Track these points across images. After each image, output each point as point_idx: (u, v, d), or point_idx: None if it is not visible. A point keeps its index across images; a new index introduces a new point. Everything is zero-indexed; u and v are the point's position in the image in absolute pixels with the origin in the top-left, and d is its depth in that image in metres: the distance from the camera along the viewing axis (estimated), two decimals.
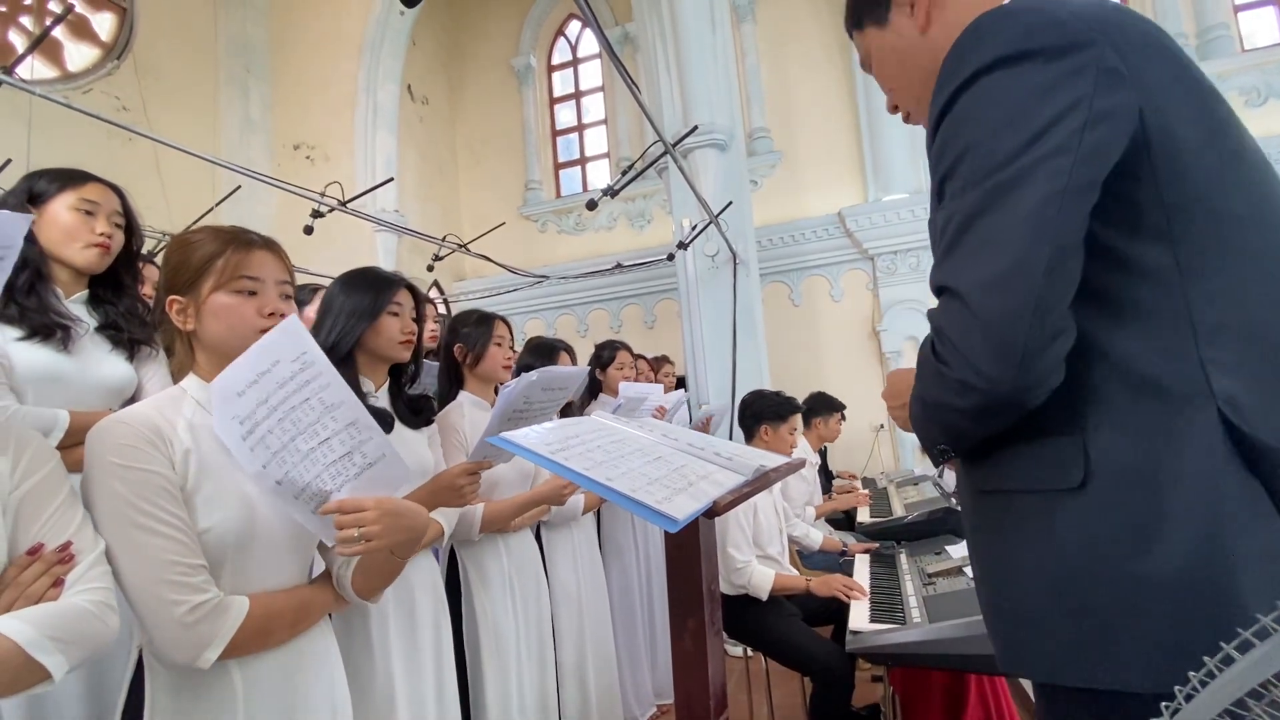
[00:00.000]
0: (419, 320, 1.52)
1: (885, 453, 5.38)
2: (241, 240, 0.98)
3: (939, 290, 0.68)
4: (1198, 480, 0.60)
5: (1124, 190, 0.63)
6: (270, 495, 0.91)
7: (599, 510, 2.54)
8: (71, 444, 1.19)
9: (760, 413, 2.67)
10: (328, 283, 1.55)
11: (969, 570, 1.76)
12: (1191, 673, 0.49)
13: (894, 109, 0.92)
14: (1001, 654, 0.74)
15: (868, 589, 2.18)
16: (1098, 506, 0.64)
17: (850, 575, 2.43)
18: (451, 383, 1.88)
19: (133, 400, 1.36)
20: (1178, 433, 0.61)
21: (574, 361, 2.56)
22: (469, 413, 1.79)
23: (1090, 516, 0.64)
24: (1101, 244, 0.64)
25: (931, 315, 0.69)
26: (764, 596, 2.23)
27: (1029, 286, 0.60)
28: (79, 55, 5.29)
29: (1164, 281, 0.63)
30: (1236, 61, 4.88)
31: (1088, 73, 0.62)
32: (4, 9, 4.84)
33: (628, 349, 3.06)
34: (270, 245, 1.01)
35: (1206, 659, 0.49)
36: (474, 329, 1.84)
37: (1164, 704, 0.51)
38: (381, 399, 1.47)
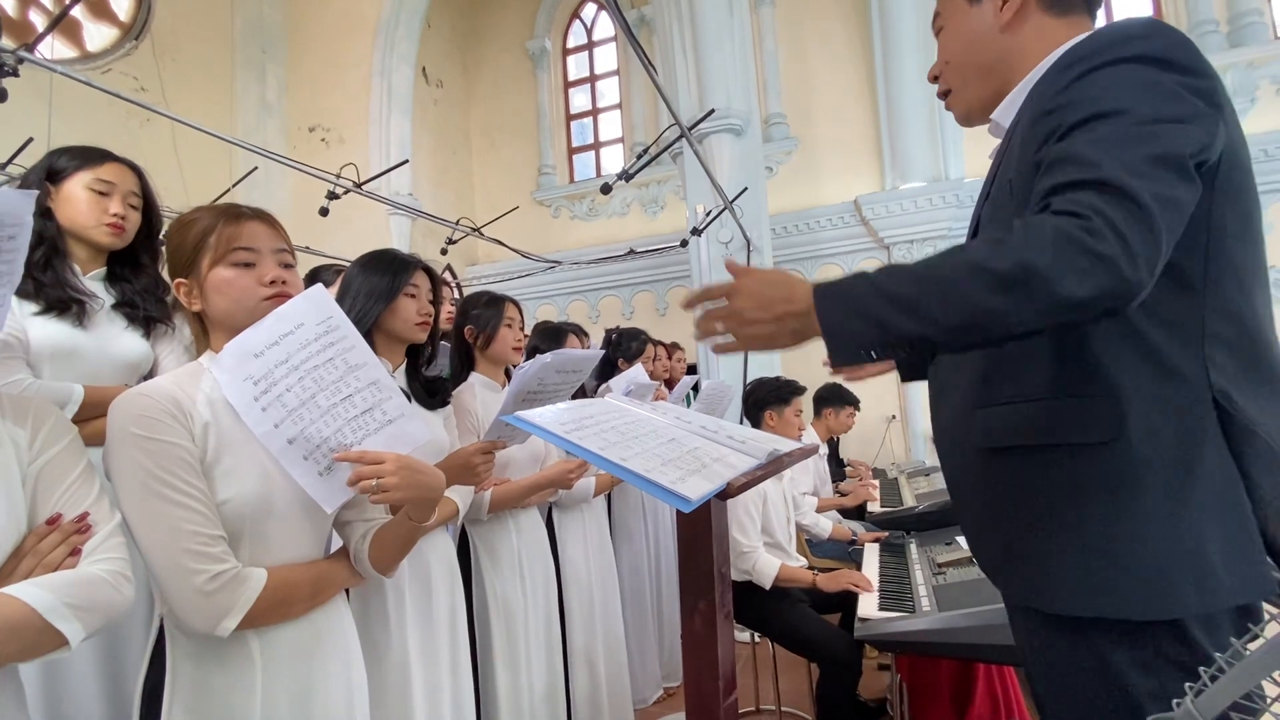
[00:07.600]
0: (436, 302, 1.52)
1: (896, 444, 5.35)
2: (231, 213, 0.98)
3: (1100, 183, 0.69)
4: (1213, 457, 0.75)
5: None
6: (277, 456, 0.92)
7: (609, 494, 2.55)
8: (87, 418, 1.21)
9: (763, 399, 2.65)
10: (346, 264, 1.56)
11: None
12: (1202, 668, 0.54)
13: (934, 78, 1.00)
14: (1018, 591, 0.85)
15: (877, 577, 2.17)
16: (1126, 459, 0.76)
17: (859, 564, 2.42)
18: (463, 364, 1.89)
19: (149, 377, 1.38)
20: (1195, 412, 0.75)
21: (584, 343, 2.54)
22: (480, 394, 1.80)
23: (1120, 467, 0.76)
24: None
25: (1084, 198, 0.69)
26: (767, 585, 2.23)
27: (1183, 210, 0.70)
28: (98, 35, 5.32)
29: (1191, 289, 0.77)
30: (1269, 49, 4.74)
31: (1225, 97, 0.76)
32: None
33: (650, 339, 3.05)
34: (261, 215, 1.00)
35: (1218, 654, 0.53)
36: (485, 310, 1.84)
37: (1184, 692, 0.51)
38: (398, 380, 1.48)
